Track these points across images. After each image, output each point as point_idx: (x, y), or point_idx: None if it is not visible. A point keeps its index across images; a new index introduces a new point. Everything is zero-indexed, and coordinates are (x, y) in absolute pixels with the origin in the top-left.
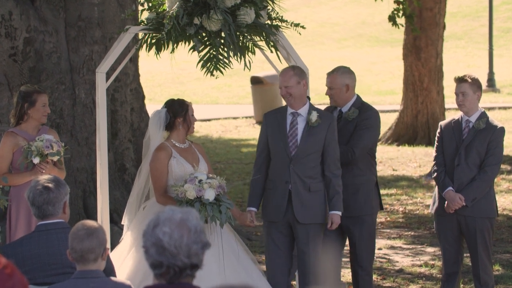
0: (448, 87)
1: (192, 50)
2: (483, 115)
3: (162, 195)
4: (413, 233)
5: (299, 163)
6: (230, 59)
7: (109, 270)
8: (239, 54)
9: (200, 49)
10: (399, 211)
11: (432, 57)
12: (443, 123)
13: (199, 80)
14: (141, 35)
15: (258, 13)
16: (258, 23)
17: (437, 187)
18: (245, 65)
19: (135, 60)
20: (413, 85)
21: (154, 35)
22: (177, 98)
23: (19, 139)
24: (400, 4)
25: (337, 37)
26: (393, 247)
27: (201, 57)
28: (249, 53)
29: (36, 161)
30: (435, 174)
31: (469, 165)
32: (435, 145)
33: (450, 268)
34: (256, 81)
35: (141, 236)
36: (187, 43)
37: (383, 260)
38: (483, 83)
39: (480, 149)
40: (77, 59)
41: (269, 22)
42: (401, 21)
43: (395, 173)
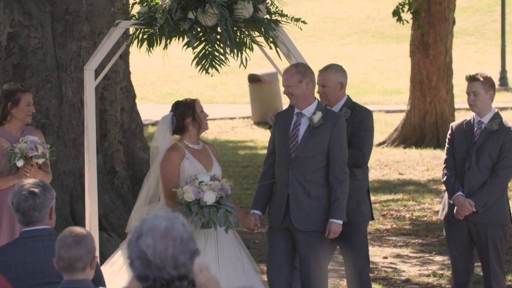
0: (458, 86)
1: (186, 46)
2: (496, 116)
3: (171, 198)
4: (420, 241)
5: (298, 166)
6: (226, 56)
7: (98, 279)
8: (236, 50)
9: (194, 45)
10: (406, 217)
11: (441, 54)
12: (454, 124)
13: (194, 78)
14: (132, 30)
15: (256, 7)
16: (256, 18)
17: (446, 192)
18: (241, 62)
19: (125, 56)
20: (421, 83)
21: (146, 30)
22: (182, 99)
23: (2, 140)
24: None
25: (340, 32)
26: (399, 256)
27: (196, 53)
28: (247, 50)
29: (20, 164)
30: (445, 178)
31: (481, 168)
32: (446, 147)
33: (459, 277)
34: (254, 79)
35: (126, 246)
36: (181, 38)
37: (389, 269)
38: (495, 82)
39: (492, 151)
40: (64, 55)
41: (268, 16)
42: (406, 16)
43: (402, 177)
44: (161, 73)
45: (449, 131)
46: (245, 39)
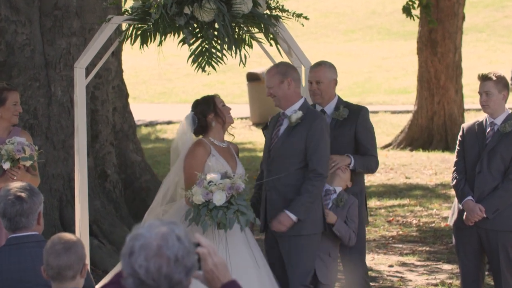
0: (467, 86)
1: (181, 43)
2: (510, 117)
3: None
4: (428, 249)
5: (276, 167)
6: (224, 53)
7: None
8: (234, 47)
9: (190, 42)
10: (413, 223)
11: (449, 52)
12: (465, 125)
13: (189, 76)
14: (125, 26)
15: (256, 1)
16: (255, 13)
17: (456, 197)
18: (240, 60)
19: (118, 54)
20: (429, 83)
21: (139, 26)
22: (200, 97)
23: None
24: None
25: (344, 28)
26: (405, 264)
27: (192, 51)
28: (246, 47)
29: (6, 166)
30: (454, 181)
31: (492, 172)
32: (456, 150)
33: (469, 287)
34: (252, 78)
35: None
36: (176, 35)
37: (394, 278)
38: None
39: (505, 154)
40: (53, 52)
41: (268, 12)
42: (416, 12)
43: (408, 181)
44: (155, 71)
45: (460, 133)
46: (244, 35)
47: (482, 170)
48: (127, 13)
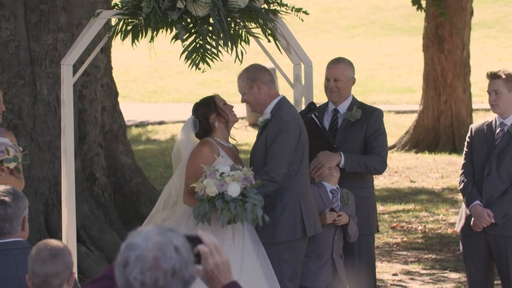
0: (475, 84)
1: (174, 39)
2: None
3: (191, 195)
4: (434, 256)
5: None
6: (219, 49)
7: None
8: (230, 43)
9: (184, 37)
10: (418, 230)
11: (457, 49)
12: (474, 126)
13: (182, 74)
14: (114, 21)
15: None
16: (252, 8)
17: (463, 202)
18: (236, 56)
19: (107, 50)
20: (435, 81)
21: (130, 21)
22: (200, 99)
23: None
24: None
25: (345, 24)
26: (410, 273)
27: (185, 47)
28: (242, 43)
29: None
30: (462, 185)
31: (501, 175)
32: (464, 152)
33: None
34: None
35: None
36: (169, 30)
37: None
38: None
39: None
40: (38, 48)
41: (265, 6)
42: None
43: (413, 185)
44: (146, 69)
45: (468, 134)
46: (240, 31)
47: (491, 173)
48: (116, 7)
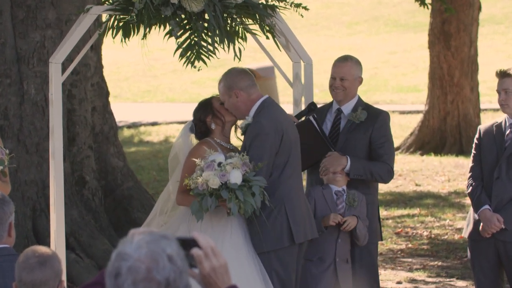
0: (484, 83)
1: (168, 35)
2: None
3: (183, 193)
4: (440, 263)
5: None
6: (215, 46)
7: None
8: (226, 40)
9: (178, 34)
10: (423, 236)
11: (464, 46)
12: (483, 127)
13: (177, 73)
14: (105, 17)
15: None
16: (250, 3)
17: (471, 206)
18: (235, 54)
19: (97, 48)
20: (441, 80)
21: (121, 17)
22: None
23: None
24: None
25: (347, 20)
26: (415, 281)
27: (180, 44)
28: (239, 40)
29: None
30: (470, 189)
31: (511, 178)
32: (472, 154)
33: None
34: None
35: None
36: (162, 27)
37: None
38: None
39: None
40: (25, 46)
41: (263, 1)
42: (428, 0)
43: (419, 188)
44: (138, 67)
45: (477, 135)
46: (237, 27)
47: (500, 176)
48: (107, 2)
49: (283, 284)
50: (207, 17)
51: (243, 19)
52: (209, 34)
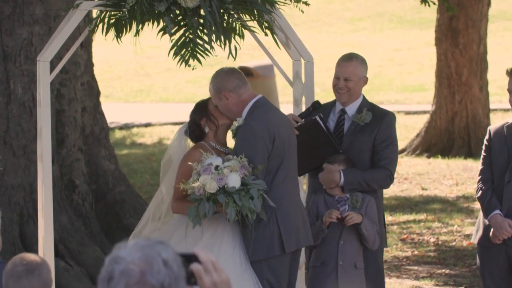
0: (494, 82)
1: (162, 32)
2: None
3: (178, 201)
4: (448, 271)
5: None
6: (211, 44)
7: None
8: (222, 38)
9: (172, 31)
10: (430, 242)
11: (473, 43)
12: (493, 127)
13: (171, 71)
14: (96, 12)
15: None
16: None
17: (481, 211)
18: (230, 52)
19: (87, 45)
20: (449, 79)
21: (113, 13)
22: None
23: None
24: None
25: (350, 16)
26: None
27: (174, 41)
28: (236, 37)
29: None
30: (480, 193)
31: None
32: (482, 156)
33: None
34: (244, 73)
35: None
36: (156, 23)
37: None
38: None
39: None
40: (12, 43)
41: None
42: None
43: (425, 193)
44: (131, 66)
45: (486, 137)
46: (234, 24)
47: (511, 179)
48: None
49: None
50: (202, 13)
51: (241, 15)
52: (205, 31)
